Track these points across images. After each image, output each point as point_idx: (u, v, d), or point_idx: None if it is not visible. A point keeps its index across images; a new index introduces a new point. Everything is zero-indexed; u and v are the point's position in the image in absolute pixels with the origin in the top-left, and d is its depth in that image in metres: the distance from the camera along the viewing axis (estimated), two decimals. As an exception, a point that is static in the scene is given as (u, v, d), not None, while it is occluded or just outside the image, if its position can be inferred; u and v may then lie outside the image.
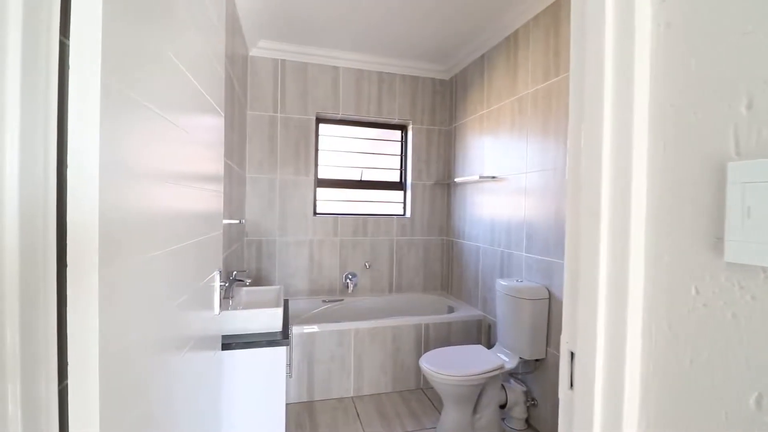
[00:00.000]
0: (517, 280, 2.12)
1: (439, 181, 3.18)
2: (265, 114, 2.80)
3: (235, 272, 1.69)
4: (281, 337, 1.49)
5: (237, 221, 2.05)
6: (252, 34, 2.56)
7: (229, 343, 1.41)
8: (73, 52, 0.49)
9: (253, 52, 2.74)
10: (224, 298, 1.71)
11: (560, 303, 1.89)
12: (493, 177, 2.48)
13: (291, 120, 2.85)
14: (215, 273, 1.16)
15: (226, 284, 1.58)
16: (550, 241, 1.96)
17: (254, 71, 2.77)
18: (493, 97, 2.52)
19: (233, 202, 2.17)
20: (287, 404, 2.26)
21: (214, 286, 1.16)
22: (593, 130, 0.60)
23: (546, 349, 1.98)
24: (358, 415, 2.17)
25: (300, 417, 2.14)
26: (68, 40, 0.49)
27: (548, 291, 1.96)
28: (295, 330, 2.27)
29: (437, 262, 3.23)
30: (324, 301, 2.88)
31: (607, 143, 0.59)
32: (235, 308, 1.65)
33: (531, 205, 2.12)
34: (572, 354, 0.66)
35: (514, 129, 2.28)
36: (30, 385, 0.42)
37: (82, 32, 0.49)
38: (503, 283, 2.11)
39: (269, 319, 1.52)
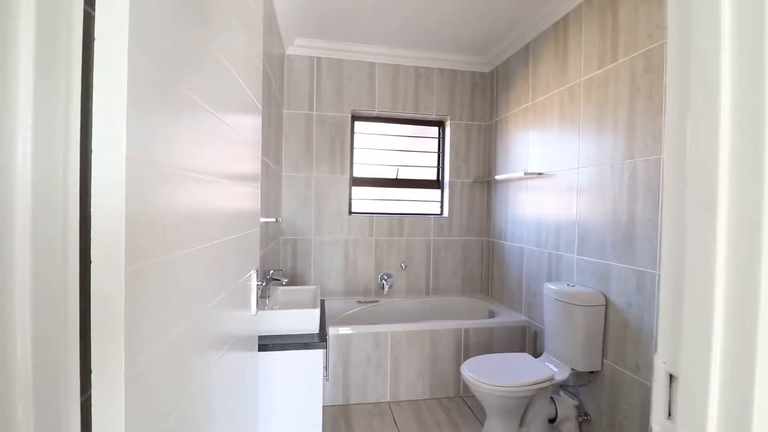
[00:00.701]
0: (568, 284, 1.96)
1: (478, 179, 3.04)
2: (301, 112, 2.78)
3: (271, 271, 1.66)
4: (318, 339, 1.43)
5: (273, 219, 2.03)
6: (288, 33, 2.55)
7: (266, 344, 1.37)
8: (99, 23, 0.44)
9: (290, 50, 2.74)
10: (261, 297, 1.68)
11: (618, 311, 1.72)
12: (540, 173, 2.32)
13: (326, 118, 2.82)
14: (252, 272, 1.12)
15: (263, 283, 1.56)
16: (607, 242, 1.79)
17: (290, 69, 2.76)
18: (539, 88, 2.36)
19: (270, 201, 2.15)
20: (323, 406, 2.21)
21: (251, 285, 1.12)
22: (706, 108, 0.49)
23: (602, 361, 1.81)
24: (395, 422, 2.08)
25: (336, 421, 2.08)
26: (94, 10, 0.44)
27: (605, 297, 1.79)
28: (331, 331, 2.22)
29: (476, 263, 3.09)
30: (359, 302, 2.83)
31: (726, 121, 0.47)
32: (271, 308, 1.62)
33: (584, 203, 1.95)
34: (671, 377, 0.55)
35: (564, 121, 2.12)
36: (46, 399, 0.37)
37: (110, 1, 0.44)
38: (552, 287, 1.96)
39: (306, 320, 1.48)
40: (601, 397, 1.82)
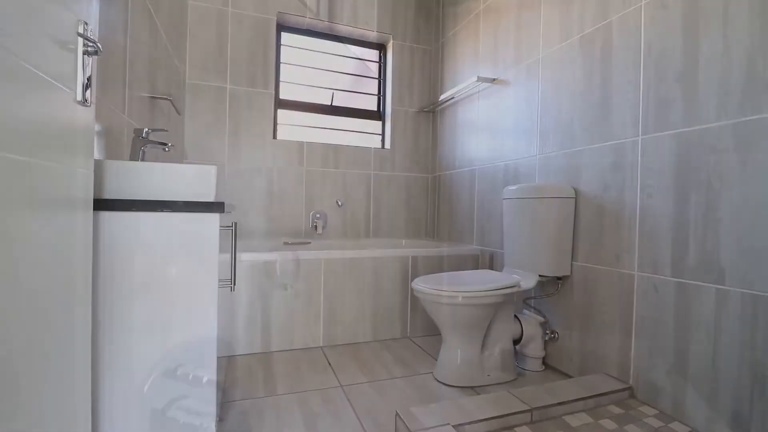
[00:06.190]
0: (529, 184, 1.69)
1: (423, 107, 2.73)
2: (212, 6, 2.25)
3: (146, 129, 1.13)
4: (214, 207, 0.96)
5: (165, 98, 1.50)
6: None
7: (119, 201, 0.87)
8: None
9: (197, -74, 2.19)
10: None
11: (591, 201, 1.48)
12: (494, 79, 2.06)
13: (246, 18, 2.31)
14: (81, 24, 0.62)
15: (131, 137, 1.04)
16: (576, 128, 1.55)
17: (198, -49, 2.21)
18: (492, -14, 2.11)
19: (154, 75, 1.60)
20: (234, 356, 1.70)
21: (75, 34, 0.63)
22: None
23: (571, 264, 1.56)
24: (329, 363, 1.65)
25: (251, 369, 1.59)
26: None
27: (574, 190, 1.55)
28: (247, 257, 1.73)
29: (421, 202, 2.77)
30: (286, 244, 2.35)
31: None
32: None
33: (547, 95, 1.70)
34: None
35: (523, 9, 1.87)
36: None
37: None
38: (512, 187, 1.68)
39: (195, 181, 0.99)
40: (570, 308, 1.57)
